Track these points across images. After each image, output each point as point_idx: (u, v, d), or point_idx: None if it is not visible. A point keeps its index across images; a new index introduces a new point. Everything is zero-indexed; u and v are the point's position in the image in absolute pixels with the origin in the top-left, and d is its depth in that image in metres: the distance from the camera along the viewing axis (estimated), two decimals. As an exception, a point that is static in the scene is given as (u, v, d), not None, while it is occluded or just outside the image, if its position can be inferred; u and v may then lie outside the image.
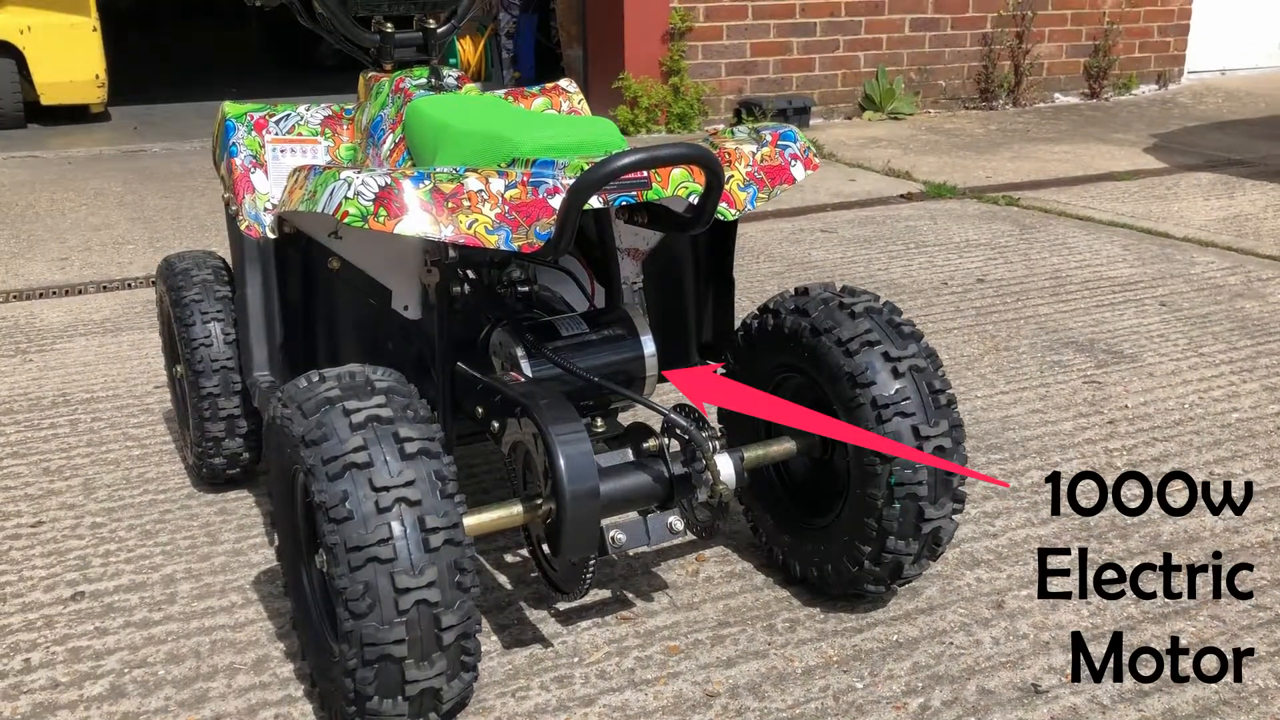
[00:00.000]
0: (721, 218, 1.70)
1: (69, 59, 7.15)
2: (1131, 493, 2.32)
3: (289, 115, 2.30)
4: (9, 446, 2.69)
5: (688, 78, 6.96)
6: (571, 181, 1.62)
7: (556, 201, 1.61)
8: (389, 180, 1.53)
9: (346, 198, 1.52)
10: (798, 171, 1.77)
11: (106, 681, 1.79)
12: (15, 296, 3.95)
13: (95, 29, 7.19)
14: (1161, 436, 2.58)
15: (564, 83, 2.50)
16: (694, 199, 1.70)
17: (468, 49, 8.72)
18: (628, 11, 6.80)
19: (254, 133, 2.25)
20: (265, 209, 2.22)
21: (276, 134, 2.27)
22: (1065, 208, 4.93)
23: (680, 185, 1.69)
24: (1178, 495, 2.30)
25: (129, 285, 4.07)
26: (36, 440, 2.73)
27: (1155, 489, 2.32)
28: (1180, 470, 2.41)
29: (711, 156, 1.55)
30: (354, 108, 2.36)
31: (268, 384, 2.20)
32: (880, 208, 5.07)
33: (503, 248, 1.57)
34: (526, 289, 1.97)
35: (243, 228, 2.21)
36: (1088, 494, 2.32)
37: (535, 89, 2.46)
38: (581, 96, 2.48)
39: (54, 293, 3.99)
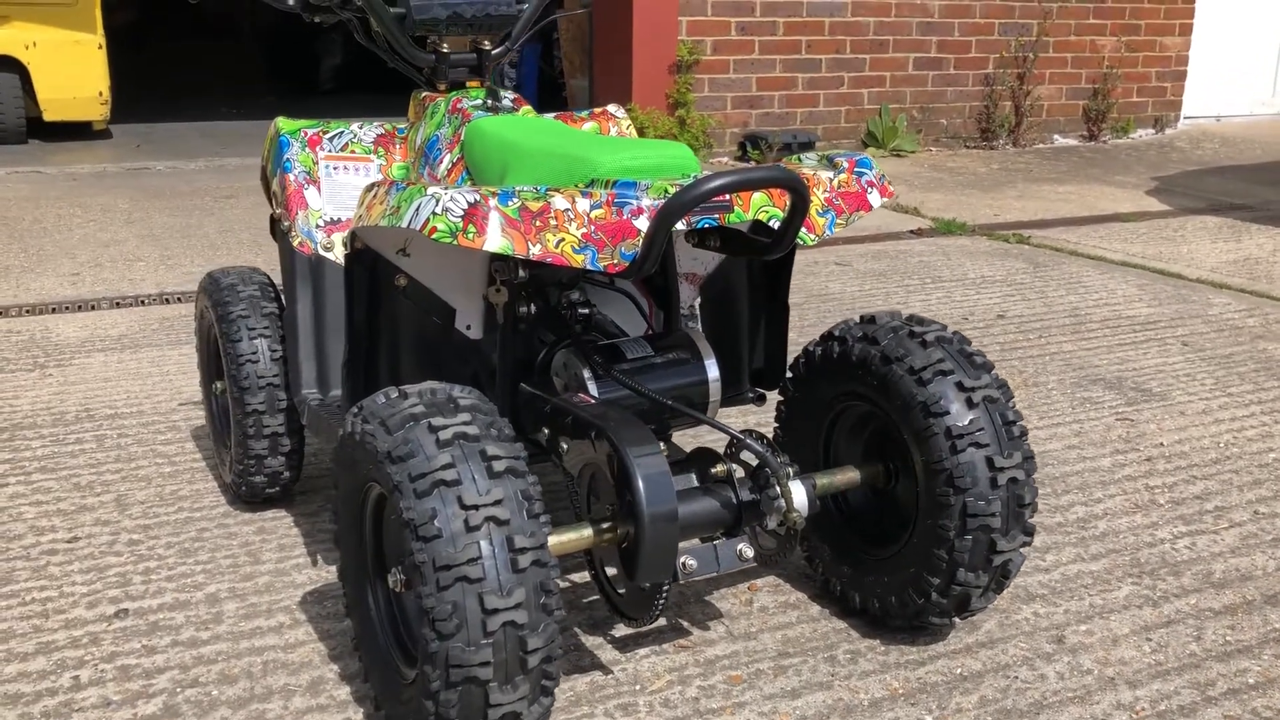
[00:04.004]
0: (801, 242, 1.69)
1: (73, 75, 7.12)
2: (1177, 530, 2.32)
3: (342, 133, 2.29)
4: (37, 461, 2.65)
5: (694, 110, 6.99)
6: (655, 203, 1.61)
7: (640, 222, 1.60)
8: (478, 197, 1.51)
9: (434, 213, 1.51)
10: (874, 199, 1.77)
11: (160, 701, 1.76)
12: (28, 311, 3.91)
13: (101, 46, 7.16)
14: (1201, 475, 2.58)
15: (612, 108, 2.50)
16: (774, 223, 1.70)
17: (471, 76, 8.72)
18: (636, 43, 6.83)
19: (308, 149, 2.24)
20: (317, 225, 2.21)
21: (330, 151, 2.25)
22: (1076, 247, 4.96)
23: (760, 209, 1.69)
24: (1225, 533, 2.30)
25: (142, 302, 4.03)
26: (64, 455, 2.69)
27: (1203, 526, 2.32)
28: (1224, 508, 2.41)
29: (800, 180, 1.55)
30: (406, 127, 2.35)
31: (316, 402, 2.18)
32: (892, 242, 5.09)
33: (589, 267, 1.56)
34: (587, 311, 1.96)
35: (295, 244, 2.19)
36: (1134, 530, 2.31)
37: (584, 113, 2.45)
38: (630, 122, 2.48)
39: (67, 308, 3.95)
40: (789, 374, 2.04)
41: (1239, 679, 1.81)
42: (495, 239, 1.50)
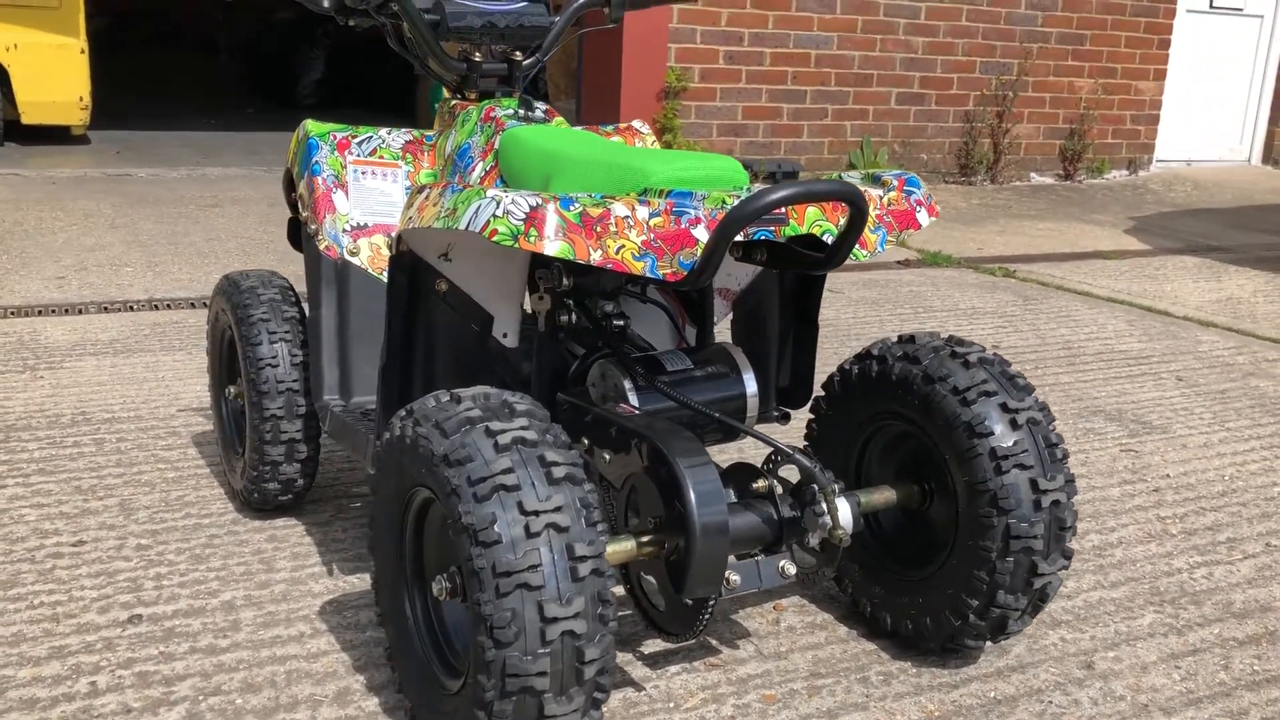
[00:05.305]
0: (854, 258, 1.68)
1: (54, 79, 7.02)
2: (1192, 560, 2.33)
3: (371, 137, 2.26)
4: (35, 463, 2.59)
5: (680, 136, 7.01)
6: (713, 212, 1.60)
7: (698, 232, 1.58)
8: (539, 200, 1.50)
9: (495, 216, 1.49)
10: (923, 217, 1.77)
11: (183, 708, 1.71)
12: (14, 312, 3.83)
13: (83, 51, 7.08)
14: (1210, 507, 2.60)
15: (637, 124, 2.49)
16: (826, 238, 1.69)
17: (453, 95, 8.70)
18: (625, 69, 6.85)
19: (337, 153, 2.21)
20: (344, 230, 2.18)
21: (358, 155, 2.23)
22: (1062, 282, 5.01)
23: (815, 223, 1.68)
24: (1240, 564, 2.31)
25: (131, 307, 3.97)
26: (62, 458, 2.63)
27: (1217, 557, 2.34)
28: (1236, 539, 2.43)
29: (862, 195, 1.55)
30: (434, 134, 2.33)
31: (339, 408, 2.15)
32: (880, 272, 5.12)
33: (648, 275, 1.54)
34: (622, 323, 1.94)
35: (321, 247, 2.16)
36: (1150, 559, 2.32)
37: (610, 128, 2.44)
38: (654, 137, 2.47)
39: (54, 311, 3.87)
40: (822, 392, 2.03)
41: (1271, 708, 1.81)
42: (556, 243, 1.49)
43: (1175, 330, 4.23)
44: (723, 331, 2.10)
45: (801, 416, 2.17)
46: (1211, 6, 8.79)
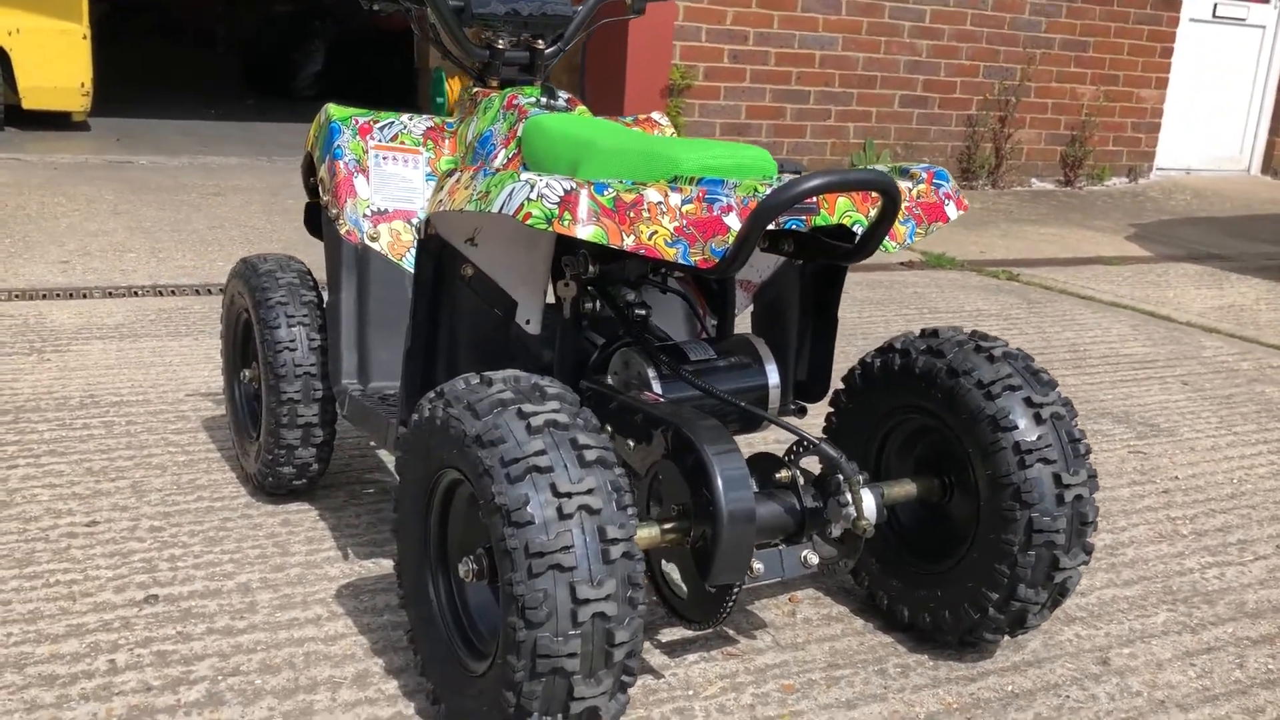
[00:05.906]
0: (884, 250, 1.69)
1: (56, 65, 7.00)
2: (1204, 560, 2.33)
3: (392, 123, 2.26)
4: (45, 444, 2.58)
5: (684, 134, 7.01)
6: (745, 200, 1.60)
7: (730, 219, 1.59)
8: (574, 185, 1.50)
9: (529, 199, 1.49)
10: (951, 211, 1.77)
11: (202, 688, 1.71)
12: (18, 295, 3.82)
13: (85, 37, 7.05)
14: (1219, 509, 2.61)
15: (656, 115, 2.49)
16: (857, 229, 1.69)
17: (456, 89, 8.69)
18: (630, 65, 6.84)
19: (358, 137, 2.21)
20: (365, 215, 2.18)
21: (380, 140, 2.23)
22: (1065, 286, 5.03)
23: (845, 213, 1.68)
24: (1251, 565, 2.32)
25: (136, 293, 3.96)
26: (73, 440, 2.62)
27: (1228, 558, 2.34)
28: (1246, 541, 2.44)
29: (896, 186, 1.55)
30: (455, 121, 2.33)
31: (358, 393, 2.14)
32: (884, 273, 5.12)
33: (680, 261, 1.54)
34: (645, 312, 1.94)
35: (342, 232, 2.16)
36: (1162, 559, 2.33)
37: (629, 119, 2.44)
38: (674, 129, 2.48)
39: (58, 295, 3.86)
40: (843, 384, 2.04)
41: (1287, 706, 1.82)
42: (590, 227, 1.48)
43: (1179, 335, 4.24)
44: (742, 324, 2.10)
45: (818, 410, 2.17)
46: (1215, 16, 8.83)
